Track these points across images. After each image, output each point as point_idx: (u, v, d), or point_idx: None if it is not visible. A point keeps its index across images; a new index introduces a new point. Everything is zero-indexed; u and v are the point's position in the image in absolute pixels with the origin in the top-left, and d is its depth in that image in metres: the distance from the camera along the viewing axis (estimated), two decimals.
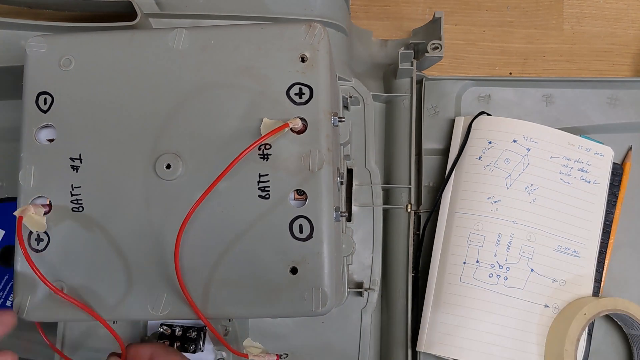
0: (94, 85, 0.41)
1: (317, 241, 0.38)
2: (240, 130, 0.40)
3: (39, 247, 0.40)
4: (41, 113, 0.41)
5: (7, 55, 0.52)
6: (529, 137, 0.55)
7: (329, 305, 0.38)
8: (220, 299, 0.38)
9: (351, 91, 0.56)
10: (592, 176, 0.55)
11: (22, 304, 0.39)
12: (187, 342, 0.46)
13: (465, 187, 0.54)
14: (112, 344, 0.49)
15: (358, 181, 0.56)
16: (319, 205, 0.39)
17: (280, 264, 0.38)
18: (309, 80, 0.40)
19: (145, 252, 0.39)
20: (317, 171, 0.39)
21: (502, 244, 0.52)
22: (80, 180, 0.40)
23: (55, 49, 0.41)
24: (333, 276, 0.38)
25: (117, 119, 0.40)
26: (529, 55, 0.63)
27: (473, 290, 0.52)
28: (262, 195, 0.39)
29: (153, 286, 0.39)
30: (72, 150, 0.40)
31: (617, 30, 0.64)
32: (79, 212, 0.40)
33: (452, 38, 0.63)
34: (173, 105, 0.40)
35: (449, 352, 0.51)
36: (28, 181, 0.40)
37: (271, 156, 0.40)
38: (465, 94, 0.59)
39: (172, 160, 0.39)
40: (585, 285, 0.53)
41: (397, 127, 0.57)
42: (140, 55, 0.41)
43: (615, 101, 0.59)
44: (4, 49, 0.52)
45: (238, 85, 0.40)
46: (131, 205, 0.40)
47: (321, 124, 0.40)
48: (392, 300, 0.54)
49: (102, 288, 0.39)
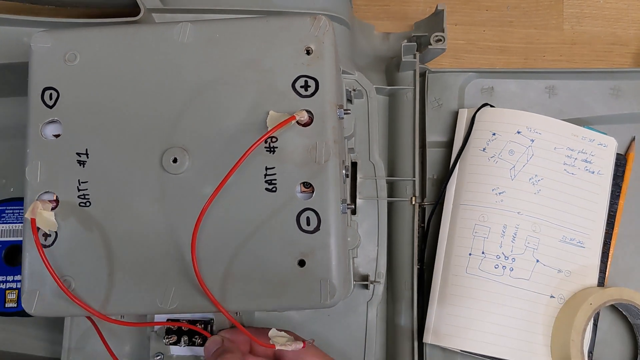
0: (99, 80, 0.41)
1: (324, 233, 0.38)
2: (246, 123, 0.40)
3: (46, 242, 0.39)
4: (47, 108, 0.41)
5: (10, 52, 0.52)
6: (532, 129, 0.55)
7: (337, 297, 0.38)
8: (229, 293, 0.38)
9: (354, 84, 0.56)
10: (595, 167, 0.56)
11: (30, 299, 0.39)
12: (195, 335, 0.46)
13: (470, 179, 0.55)
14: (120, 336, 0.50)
15: (362, 174, 0.56)
16: (326, 197, 0.39)
17: (288, 256, 0.38)
18: (314, 73, 0.40)
19: (153, 246, 0.39)
20: (323, 163, 0.39)
21: (508, 235, 0.53)
22: (87, 175, 0.40)
23: (60, 44, 0.41)
24: (341, 268, 0.39)
25: (123, 113, 0.40)
26: (529, 55, 0.63)
27: (479, 282, 0.52)
28: (269, 189, 0.39)
29: (161, 279, 0.39)
30: (79, 145, 0.40)
31: (617, 30, 0.64)
32: (86, 207, 0.40)
33: (452, 38, 0.63)
34: (179, 99, 0.40)
35: (455, 344, 0.51)
36: (35, 177, 0.40)
37: (277, 149, 0.40)
38: (469, 86, 0.59)
39: (179, 154, 0.39)
40: (590, 276, 0.53)
41: (400, 120, 0.57)
42: (146, 50, 0.41)
43: (618, 92, 0.59)
44: (6, 45, 0.52)
45: (243, 78, 0.40)
46: (138, 200, 0.40)
47: (327, 116, 0.40)
48: (398, 292, 0.54)
49: (109, 282, 0.39)
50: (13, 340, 0.54)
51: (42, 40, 0.41)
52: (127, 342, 0.51)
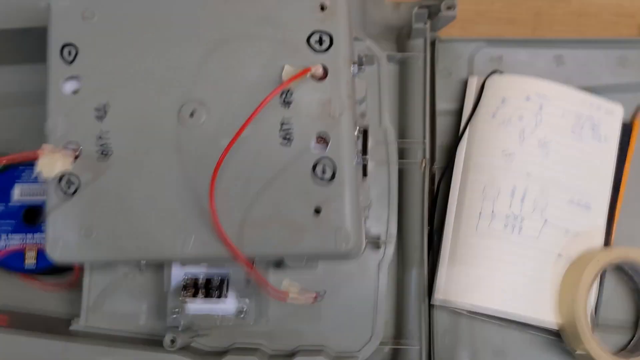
0: (117, 36, 0.42)
1: (339, 183, 0.40)
2: (262, 78, 0.41)
3: (69, 190, 0.41)
4: (66, 65, 0.42)
5: (27, 16, 0.52)
6: (541, 95, 0.56)
7: (352, 244, 0.39)
8: (248, 239, 0.40)
9: (366, 51, 0.57)
10: (602, 133, 0.57)
11: (55, 246, 0.40)
12: (211, 289, 0.48)
13: (480, 143, 0.56)
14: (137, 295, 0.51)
15: (373, 140, 0.57)
16: (341, 149, 0.40)
17: (303, 205, 0.40)
18: (328, 28, 0.41)
19: (172, 195, 0.40)
20: (337, 117, 0.40)
21: (517, 196, 0.54)
22: (106, 128, 0.41)
23: (78, 1, 0.43)
24: (355, 216, 0.40)
25: (141, 68, 0.42)
26: (536, 26, 0.64)
27: (489, 240, 0.53)
28: (285, 141, 0.40)
29: (181, 227, 0.40)
30: (98, 99, 0.42)
31: (624, 1, 0.65)
32: (105, 159, 0.41)
33: (462, 9, 0.63)
34: (196, 54, 0.41)
35: (465, 300, 0.52)
36: (55, 131, 0.42)
37: (293, 103, 0.41)
38: (477, 55, 0.60)
39: (196, 108, 0.41)
40: (596, 237, 0.54)
41: (410, 88, 0.58)
42: (163, 5, 0.42)
43: (625, 61, 0.60)
44: (23, 10, 0.52)
45: (259, 34, 0.41)
46: (157, 151, 0.41)
47: (341, 71, 0.41)
48: (408, 255, 0.55)
49: (130, 230, 0.40)
50: (31, 300, 0.55)
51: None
52: (144, 301, 0.52)
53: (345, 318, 0.54)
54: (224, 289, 0.48)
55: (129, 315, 0.52)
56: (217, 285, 0.48)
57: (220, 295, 0.47)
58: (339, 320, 0.54)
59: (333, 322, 0.54)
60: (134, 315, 0.52)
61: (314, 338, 0.53)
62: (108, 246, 0.40)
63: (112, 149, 0.41)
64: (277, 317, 0.53)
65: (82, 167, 0.41)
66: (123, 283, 0.52)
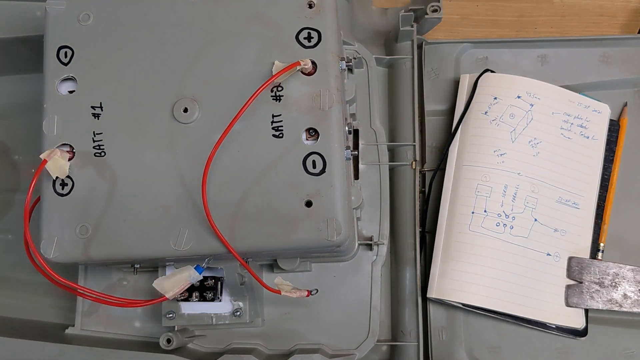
0: (111, 38, 0.43)
1: (329, 175, 0.40)
2: (253, 75, 0.42)
3: (63, 191, 0.41)
4: (62, 65, 0.43)
5: (24, 26, 0.53)
6: (532, 94, 0.57)
7: (343, 235, 0.40)
8: (241, 233, 0.40)
9: (354, 54, 0.58)
10: (590, 132, 0.58)
11: (49, 245, 0.41)
12: (205, 290, 0.48)
13: (473, 141, 0.56)
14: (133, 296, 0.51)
15: (364, 141, 0.58)
16: (331, 141, 0.41)
17: (295, 197, 0.40)
18: (317, 25, 0.42)
19: (166, 192, 0.41)
20: (327, 110, 0.41)
21: (508, 195, 0.54)
22: (102, 127, 0.42)
23: (73, 5, 0.44)
24: (345, 208, 0.40)
25: (135, 68, 0.43)
26: (521, 28, 0.65)
27: (481, 239, 0.54)
28: (276, 135, 0.41)
29: (174, 223, 0.40)
30: (93, 99, 0.42)
31: (605, 2, 0.66)
32: (101, 157, 0.42)
33: (447, 13, 0.65)
34: (188, 53, 0.42)
35: (457, 297, 0.53)
36: (51, 130, 0.42)
37: (283, 97, 0.41)
38: (464, 56, 0.61)
39: (189, 104, 0.41)
40: (584, 236, 0.55)
41: (399, 90, 0.59)
42: (155, 7, 0.43)
43: (608, 59, 0.61)
44: (20, 19, 0.54)
45: (249, 32, 0.42)
46: (151, 149, 0.41)
47: (330, 65, 0.42)
48: (401, 255, 0.56)
49: (124, 228, 0.41)
50: (27, 309, 0.55)
51: (56, 2, 0.44)
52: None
53: (341, 318, 0.54)
54: (218, 290, 0.48)
55: (124, 318, 0.52)
56: (211, 287, 0.48)
57: (215, 297, 0.47)
58: (335, 319, 0.54)
59: (329, 321, 0.54)
60: (129, 319, 0.52)
61: (311, 338, 0.53)
62: (103, 245, 0.41)
63: (107, 148, 0.42)
64: (272, 318, 0.54)
65: (77, 167, 0.41)
66: (117, 288, 0.52)
